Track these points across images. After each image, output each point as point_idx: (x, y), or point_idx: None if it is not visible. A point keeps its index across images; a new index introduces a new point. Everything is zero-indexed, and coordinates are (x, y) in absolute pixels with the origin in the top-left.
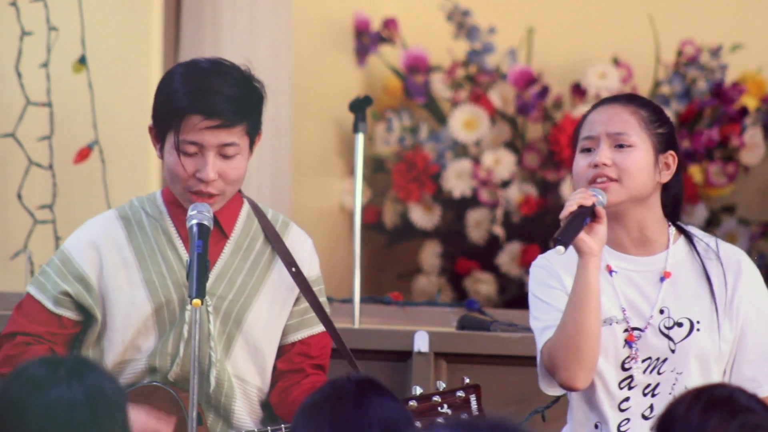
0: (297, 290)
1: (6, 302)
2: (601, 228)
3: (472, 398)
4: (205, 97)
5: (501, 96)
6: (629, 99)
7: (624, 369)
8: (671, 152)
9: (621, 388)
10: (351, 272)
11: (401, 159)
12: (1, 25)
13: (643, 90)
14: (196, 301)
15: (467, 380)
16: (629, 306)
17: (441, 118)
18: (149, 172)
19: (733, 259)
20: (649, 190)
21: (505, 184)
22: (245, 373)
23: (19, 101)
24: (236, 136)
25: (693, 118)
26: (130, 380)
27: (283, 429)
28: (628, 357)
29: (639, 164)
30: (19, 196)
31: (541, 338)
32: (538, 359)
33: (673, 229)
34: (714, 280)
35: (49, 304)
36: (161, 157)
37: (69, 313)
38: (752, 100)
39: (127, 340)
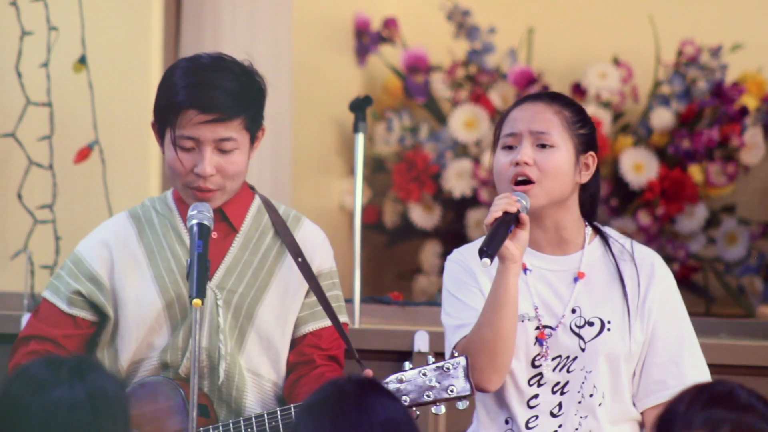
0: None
1: (6, 302)
2: (524, 234)
3: (460, 370)
4: (202, 91)
5: (501, 96)
6: (553, 98)
7: (534, 366)
8: (591, 153)
9: (530, 385)
10: (351, 272)
11: (401, 159)
12: (1, 25)
13: (643, 90)
14: (197, 301)
15: (455, 353)
16: (542, 304)
17: (441, 118)
18: (149, 172)
19: (647, 261)
20: (568, 192)
21: None
22: (259, 366)
23: (19, 101)
24: (234, 131)
25: (693, 118)
26: (144, 377)
27: (293, 410)
28: (538, 354)
29: (559, 165)
30: (19, 196)
31: (454, 336)
32: (447, 356)
33: (589, 230)
34: (627, 281)
35: (62, 306)
36: (163, 152)
37: (83, 313)
38: (752, 100)
39: (140, 337)
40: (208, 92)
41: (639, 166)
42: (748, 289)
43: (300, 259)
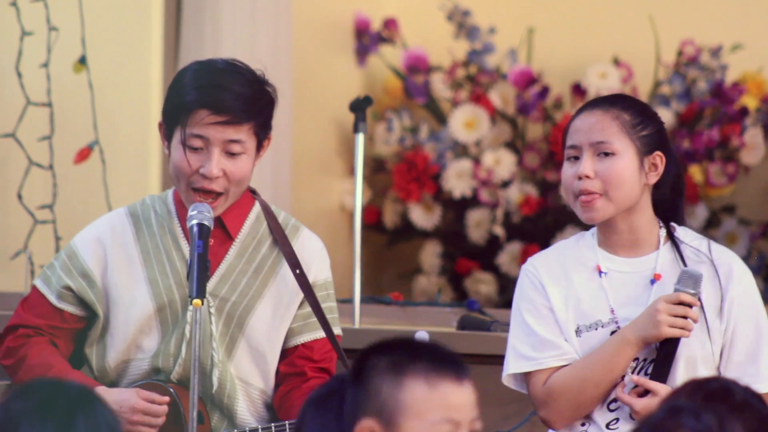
0: (302, 293)
1: (6, 302)
2: None
3: None
4: (214, 92)
5: (501, 96)
6: (612, 102)
7: None
8: (658, 153)
9: None
10: (351, 272)
11: (401, 159)
12: (1, 25)
13: (643, 90)
14: (197, 301)
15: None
16: (619, 307)
17: (441, 118)
18: (149, 172)
19: (725, 260)
20: (636, 196)
21: (506, 184)
22: (248, 375)
23: (19, 101)
24: (243, 135)
25: (693, 118)
26: (135, 380)
27: (287, 426)
28: None
29: (622, 173)
30: (19, 196)
31: (516, 364)
32: (504, 374)
33: (663, 231)
34: (704, 283)
35: (52, 298)
36: (168, 154)
37: (71, 308)
38: (752, 100)
39: (129, 338)
40: (220, 93)
41: None
42: None
43: (297, 271)
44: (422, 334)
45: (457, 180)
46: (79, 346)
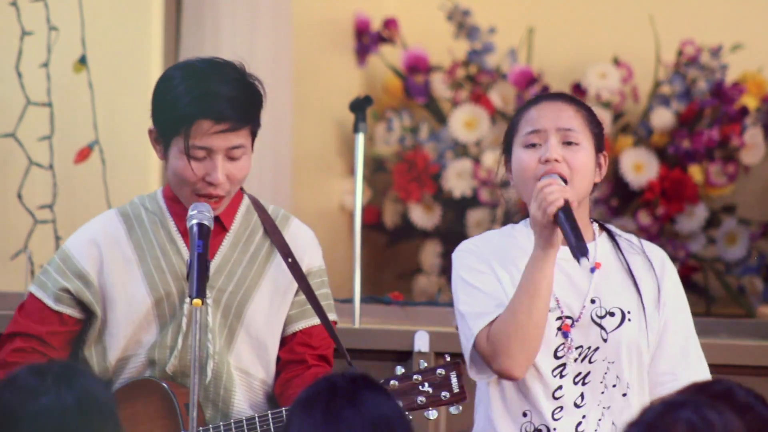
0: None
1: (6, 302)
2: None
3: (452, 375)
4: (212, 102)
5: (501, 96)
6: (569, 98)
7: (557, 357)
8: (604, 153)
9: (554, 377)
10: (351, 272)
11: (401, 159)
12: (1, 25)
13: (643, 90)
14: (197, 300)
15: (448, 358)
16: (561, 295)
17: (441, 118)
18: (149, 172)
19: (657, 254)
20: (589, 191)
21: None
22: (249, 365)
23: (19, 101)
24: (243, 138)
25: (693, 118)
26: (132, 375)
27: (284, 412)
28: (561, 345)
29: (586, 163)
30: (20, 196)
31: (476, 324)
32: (469, 345)
33: (596, 225)
34: (640, 273)
35: (49, 302)
36: (163, 158)
37: (69, 310)
38: (752, 100)
39: (129, 334)
40: (217, 103)
41: (639, 166)
42: (748, 289)
43: (290, 260)
44: (422, 335)
45: (457, 180)
46: (75, 351)
